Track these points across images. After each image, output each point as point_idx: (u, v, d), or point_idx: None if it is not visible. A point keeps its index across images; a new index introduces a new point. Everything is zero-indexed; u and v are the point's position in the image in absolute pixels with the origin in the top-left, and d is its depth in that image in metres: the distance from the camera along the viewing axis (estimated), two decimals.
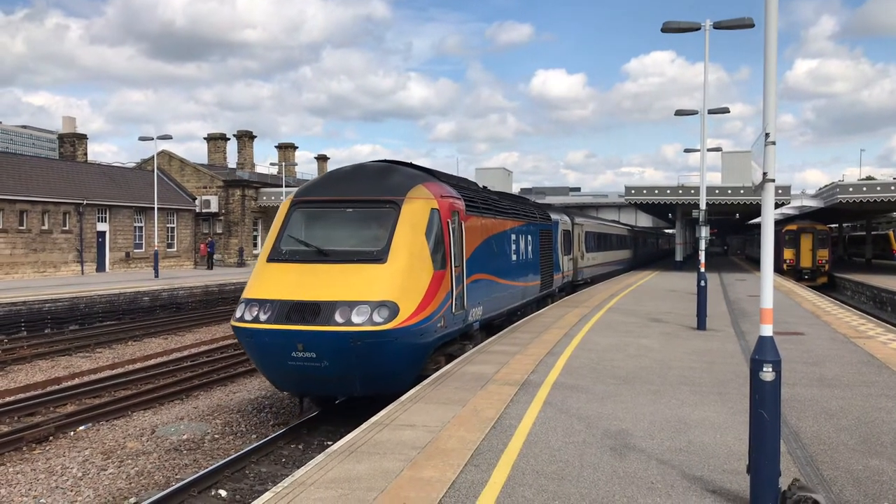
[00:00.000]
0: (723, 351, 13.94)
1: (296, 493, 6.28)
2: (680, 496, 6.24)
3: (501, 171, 75.45)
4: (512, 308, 18.36)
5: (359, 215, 11.85)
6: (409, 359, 11.08)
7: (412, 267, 11.10)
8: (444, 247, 12.06)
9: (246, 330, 10.78)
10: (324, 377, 10.67)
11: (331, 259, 11.14)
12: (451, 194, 13.16)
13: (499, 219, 16.72)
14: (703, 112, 21.06)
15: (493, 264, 15.78)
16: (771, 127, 5.81)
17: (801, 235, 45.34)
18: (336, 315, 10.31)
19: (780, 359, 5.83)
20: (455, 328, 12.82)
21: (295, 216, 12.07)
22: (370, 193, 11.91)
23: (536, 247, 21.41)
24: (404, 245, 11.16)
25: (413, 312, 10.71)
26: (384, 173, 12.57)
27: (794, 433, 8.18)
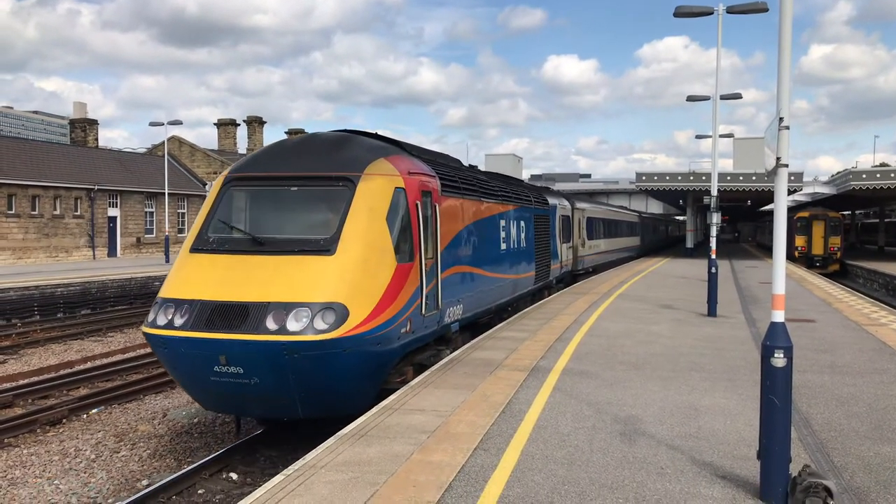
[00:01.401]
0: (733, 338, 13.91)
1: (306, 475, 6.32)
2: (690, 481, 6.24)
3: (511, 158, 75.28)
4: (501, 304, 16.50)
5: (305, 196, 9.86)
6: (362, 373, 9.13)
7: (368, 259, 9.20)
8: (412, 234, 10.21)
9: (157, 338, 8.89)
10: (254, 397, 8.83)
11: (267, 249, 9.18)
12: (423, 171, 11.21)
13: (485, 201, 14.77)
14: (716, 98, 20.91)
15: (477, 254, 13.89)
16: (785, 111, 5.76)
17: (813, 222, 45.10)
18: (268, 320, 8.43)
19: (792, 345, 5.81)
20: (426, 332, 10.87)
21: (227, 196, 10.11)
22: (319, 169, 9.90)
23: (531, 234, 19.37)
24: (359, 232, 9.27)
25: (368, 316, 8.83)
26: (338, 145, 10.57)
27: (805, 420, 8.16)
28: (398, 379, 10.20)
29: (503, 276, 16.10)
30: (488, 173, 18.00)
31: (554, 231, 23.12)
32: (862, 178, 40.80)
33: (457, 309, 12.50)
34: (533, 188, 23.17)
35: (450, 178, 12.74)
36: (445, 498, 5.83)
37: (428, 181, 11.25)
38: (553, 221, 23.02)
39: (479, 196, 14.40)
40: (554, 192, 27.86)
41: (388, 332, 9.29)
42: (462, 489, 6.02)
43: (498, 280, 15.63)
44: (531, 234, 19.41)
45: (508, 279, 16.68)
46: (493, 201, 15.51)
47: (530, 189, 21.88)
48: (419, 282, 10.32)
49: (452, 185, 12.68)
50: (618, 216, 42.71)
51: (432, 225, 11.20)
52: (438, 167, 12.49)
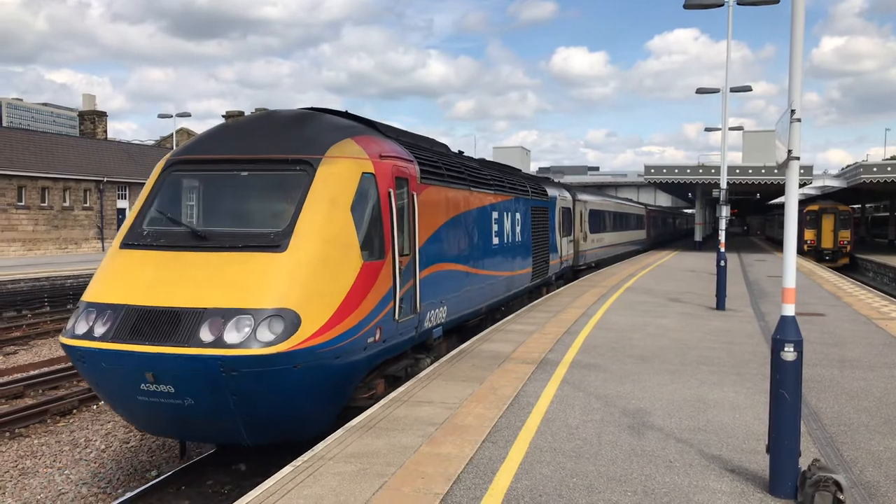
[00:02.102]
0: (742, 331, 13.86)
1: (315, 466, 6.34)
2: (698, 475, 6.24)
3: (519, 150, 75.12)
4: (493, 304, 15.19)
5: (256, 182, 8.51)
6: (319, 392, 7.87)
7: (327, 257, 7.92)
8: (383, 227, 8.96)
9: (74, 350, 7.64)
10: (190, 420, 7.59)
11: (209, 245, 7.91)
12: (398, 154, 9.88)
13: (474, 191, 13.39)
14: (725, 90, 20.78)
15: (464, 250, 12.59)
16: (797, 104, 5.71)
17: (822, 216, 44.87)
18: (202, 330, 7.17)
19: (802, 339, 5.79)
20: (401, 339, 9.60)
21: (168, 183, 8.80)
22: (274, 150, 8.55)
23: (527, 227, 18.07)
24: (316, 225, 7.98)
25: (325, 324, 7.57)
26: (298, 123, 9.23)
27: (815, 413, 8.14)
28: (366, 395, 8.95)
29: (495, 274, 14.87)
30: (480, 160, 16.47)
31: (553, 224, 21.82)
32: (872, 171, 40.54)
33: (439, 312, 11.24)
34: (531, 178, 21.54)
35: (431, 163, 11.34)
36: (454, 490, 5.84)
37: (404, 166, 9.90)
38: (552, 214, 21.71)
39: (468, 185, 13.08)
40: (554, 182, 26.62)
41: (350, 343, 8.00)
42: (470, 481, 6.03)
43: (489, 278, 14.34)
44: (528, 228, 18.14)
45: (501, 277, 15.45)
46: (485, 191, 14.19)
47: (527, 179, 20.21)
48: (392, 282, 9.07)
49: (435, 171, 11.34)
50: (622, 208, 41.45)
51: (409, 217, 9.94)
52: (418, 151, 11.16)
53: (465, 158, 14.85)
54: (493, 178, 15.26)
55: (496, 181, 15.43)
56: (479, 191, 13.72)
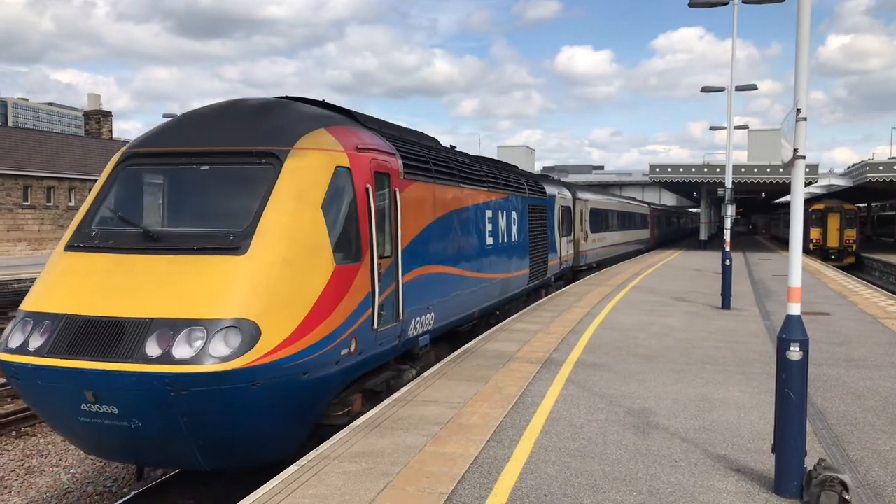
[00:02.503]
0: (747, 330, 13.83)
1: (320, 466, 6.35)
2: (703, 474, 6.22)
3: (524, 149, 75.08)
4: (487, 308, 14.33)
5: (218, 177, 7.72)
6: (283, 412, 7.10)
7: (293, 260, 7.16)
8: (360, 226, 8.21)
9: (7, 366, 6.85)
10: (138, 444, 6.82)
11: (161, 247, 7.15)
12: (378, 147, 9.08)
13: (465, 188, 12.55)
14: (731, 89, 20.75)
15: (454, 251, 11.79)
16: (802, 102, 5.70)
17: (828, 215, 44.74)
18: (148, 343, 6.43)
19: (808, 338, 5.77)
20: (381, 350, 8.86)
21: (122, 178, 8.04)
22: (238, 141, 7.79)
23: (524, 226, 17.23)
24: (281, 224, 7.24)
25: (290, 336, 6.84)
26: (266, 112, 8.44)
27: (821, 413, 8.11)
28: (341, 412, 8.26)
29: (489, 276, 14.00)
30: (473, 156, 15.47)
31: (552, 223, 20.94)
32: (878, 169, 40.39)
33: (426, 318, 10.42)
34: (528, 175, 20.51)
35: (417, 157, 10.50)
36: (459, 489, 5.84)
37: (385, 160, 9.12)
38: (551, 212, 20.88)
39: (458, 181, 12.24)
40: (553, 180, 25.78)
41: (320, 356, 7.26)
42: (475, 481, 6.03)
43: (482, 281, 13.52)
44: (525, 227, 17.29)
45: (496, 279, 14.59)
46: (477, 188, 13.38)
47: (524, 176, 19.19)
48: (370, 288, 8.31)
49: (421, 166, 10.50)
50: (625, 207, 40.68)
51: (391, 215, 9.19)
52: (402, 144, 10.31)
53: (456, 153, 14.00)
54: (486, 175, 14.43)
55: (490, 178, 14.64)
56: (470, 188, 12.95)
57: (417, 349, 10.29)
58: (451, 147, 14.43)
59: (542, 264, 19.22)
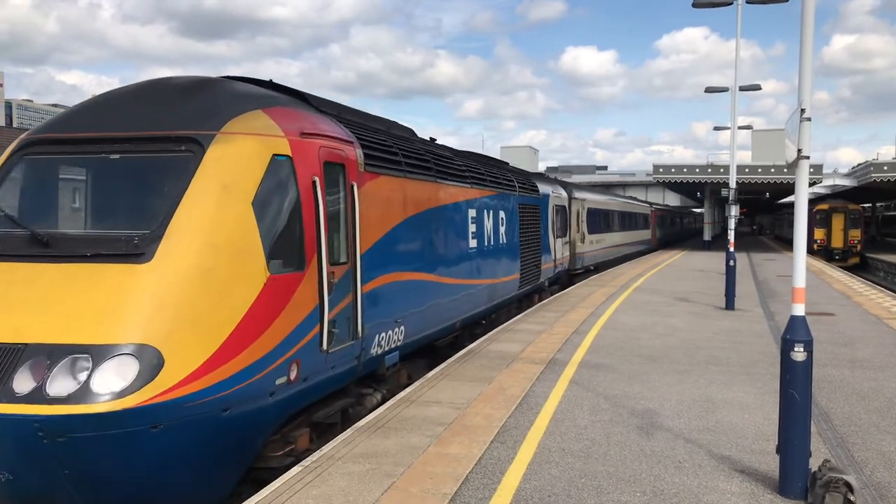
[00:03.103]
0: (751, 331, 13.80)
1: (324, 466, 6.35)
2: (707, 475, 6.21)
3: (527, 150, 75.10)
4: (471, 317, 13.07)
5: (129, 168, 6.52)
6: (197, 459, 5.87)
7: (211, 269, 5.94)
8: (303, 227, 6.96)
9: None
10: (18, 499, 5.55)
11: (52, 254, 5.92)
12: (330, 133, 7.83)
13: (444, 184, 11.31)
14: (734, 89, 20.72)
15: (430, 255, 10.58)
16: (806, 102, 5.68)
17: (832, 215, 44.65)
18: (16, 376, 5.24)
19: (812, 339, 5.76)
20: (333, 374, 7.60)
21: (16, 170, 6.78)
22: (154, 126, 6.51)
23: (514, 227, 15.96)
24: (197, 224, 6.03)
25: (203, 365, 5.65)
26: (192, 91, 7.12)
27: (825, 414, 8.09)
28: (281, 451, 6.95)
29: (473, 283, 12.77)
30: (457, 150, 14.25)
31: (546, 224, 19.74)
32: (883, 169, 40.31)
33: (394, 333, 9.18)
34: (519, 172, 19.12)
35: (382, 148, 9.22)
36: (462, 490, 5.84)
37: (339, 149, 7.84)
38: (545, 212, 19.65)
39: (436, 176, 10.98)
40: (548, 178, 24.85)
41: (246, 388, 6.04)
42: (479, 481, 6.02)
43: (464, 288, 12.26)
44: (515, 228, 16.01)
45: (481, 285, 13.37)
46: (459, 184, 12.10)
47: (515, 173, 17.91)
48: (317, 300, 7.08)
49: (387, 158, 9.25)
50: (625, 207, 39.49)
51: (348, 214, 7.94)
52: (363, 132, 9.01)
53: (436, 146, 12.78)
54: (470, 170, 13.16)
55: (474, 173, 13.36)
56: (451, 184, 11.68)
57: (383, 369, 9.01)
58: (431, 139, 13.28)
59: (534, 268, 18.01)
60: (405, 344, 9.67)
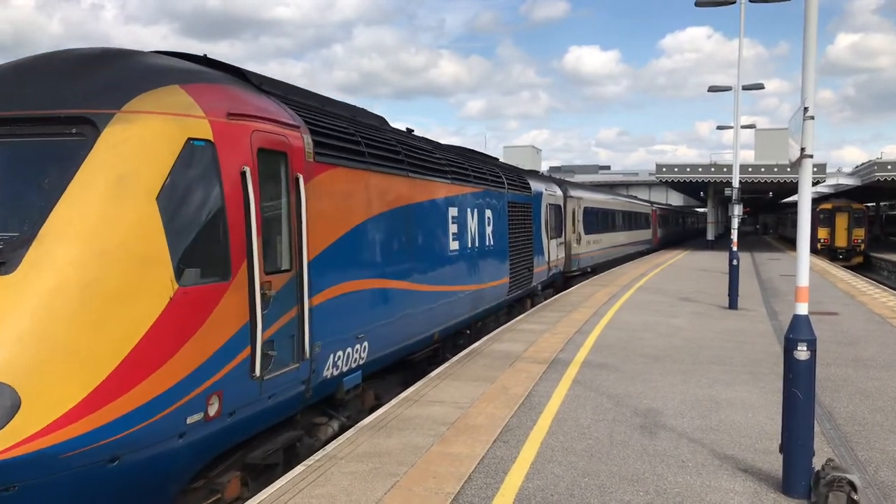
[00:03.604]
0: (755, 330, 13.78)
1: (326, 466, 6.36)
2: (711, 474, 6.20)
3: (530, 149, 75.07)
4: (452, 326, 11.90)
5: (7, 154, 5.38)
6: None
7: (94, 281, 4.85)
8: (228, 228, 5.81)
9: None
10: None
11: None
12: (268, 115, 6.56)
13: (420, 179, 10.12)
14: (737, 88, 20.69)
15: (400, 259, 9.32)
16: (809, 101, 5.68)
17: (836, 214, 44.55)
18: None
19: (816, 338, 5.75)
20: (272, 404, 6.46)
21: None
22: (44, 104, 5.37)
23: (503, 227, 14.82)
24: (80, 225, 4.94)
25: (79, 406, 4.58)
26: (93, 64, 5.83)
27: (828, 413, 8.08)
28: (208, 501, 5.91)
29: (454, 289, 11.55)
30: (437, 143, 13.08)
31: (539, 224, 18.58)
32: (887, 168, 40.16)
33: (355, 350, 7.99)
34: (509, 169, 17.75)
35: (338, 134, 7.93)
36: (465, 489, 5.84)
37: (280, 134, 6.59)
38: (537, 211, 18.47)
39: (408, 170, 9.74)
40: (542, 176, 23.67)
41: (144, 431, 4.96)
42: (482, 481, 6.02)
43: (444, 295, 11.07)
44: (504, 228, 14.90)
45: (464, 292, 12.16)
46: (438, 180, 10.97)
47: (504, 169, 16.62)
48: (246, 317, 5.92)
49: (346, 147, 7.98)
50: (624, 206, 38.23)
51: (292, 212, 6.70)
52: (315, 115, 7.73)
53: (411, 137, 11.49)
54: (450, 164, 11.90)
55: (456, 168, 12.09)
56: (428, 179, 10.51)
57: (342, 393, 7.82)
58: (408, 130, 11.95)
59: (525, 271, 16.86)
60: (370, 362, 8.46)
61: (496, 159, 17.75)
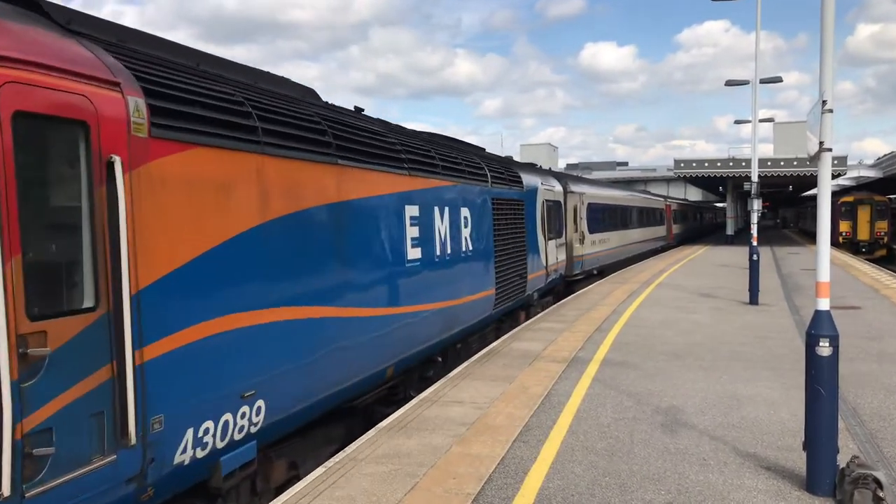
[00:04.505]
0: (776, 326, 13.65)
1: (346, 468, 6.37)
2: (733, 472, 6.15)
3: (546, 147, 74.84)
4: (416, 355, 9.47)
5: None
6: None
7: None
8: None
9: None
10: None
11: None
12: (49, 60, 4.24)
13: (354, 168, 7.67)
14: (755, 82, 20.52)
15: (326, 277, 7.00)
16: (828, 94, 5.61)
17: (858, 207, 44.05)
18: None
19: (838, 333, 5.68)
20: None
21: None
22: None
23: (485, 229, 12.37)
24: None
25: None
26: None
27: (853, 409, 7.98)
28: None
29: (414, 309, 9.12)
30: (393, 125, 10.54)
31: (534, 223, 16.20)
32: None
33: (238, 416, 5.68)
34: (495, 159, 15.34)
35: (205, 99, 5.63)
36: (485, 490, 5.83)
37: (71, 91, 4.32)
38: (532, 209, 16.09)
39: (333, 156, 7.24)
40: (538, 169, 20.87)
41: None
42: (502, 481, 6.01)
43: (398, 318, 8.64)
44: (486, 229, 12.45)
45: (430, 311, 9.69)
46: (389, 170, 8.56)
47: (488, 160, 14.00)
48: None
49: (219, 119, 5.66)
50: (634, 201, 35.18)
51: (99, 214, 4.44)
52: (161, 70, 5.38)
53: (347, 113, 8.92)
54: (406, 150, 9.39)
55: (416, 155, 9.58)
56: (366, 168, 7.95)
57: (218, 479, 5.52)
58: (357, 109, 9.62)
59: (517, 278, 14.46)
60: (270, 426, 6.10)
61: (481, 149, 15.48)
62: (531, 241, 15.86)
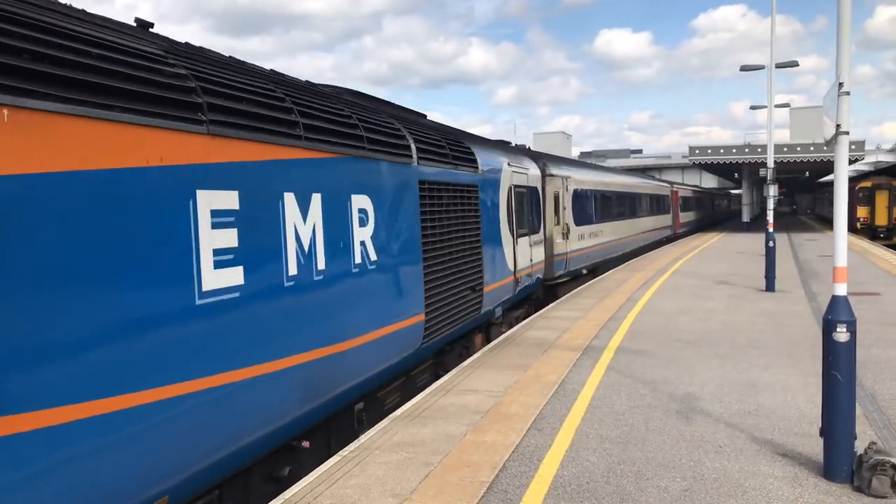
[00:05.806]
0: (793, 312, 13.54)
1: (361, 456, 6.39)
2: (749, 459, 6.11)
3: (560, 135, 74.48)
4: (229, 458, 5.23)
5: None
6: None
7: None
8: None
9: None
10: None
11: None
12: None
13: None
14: (771, 66, 20.27)
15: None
16: (845, 76, 5.53)
17: (876, 192, 43.55)
18: None
19: (855, 319, 5.62)
20: None
21: None
22: None
23: (405, 225, 8.55)
24: None
25: None
26: None
27: (871, 395, 7.91)
28: None
29: (220, 381, 5.00)
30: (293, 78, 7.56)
31: (496, 215, 12.43)
32: None
33: None
34: (432, 128, 10.90)
35: None
36: (500, 478, 5.83)
37: None
38: (492, 197, 12.30)
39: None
40: (508, 147, 16.51)
41: None
42: (516, 469, 6.01)
43: (178, 402, 4.57)
44: (408, 226, 8.66)
45: (271, 374, 5.62)
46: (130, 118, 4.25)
47: (414, 125, 9.78)
48: None
49: None
50: (631, 187, 30.04)
51: None
52: None
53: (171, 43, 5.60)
54: (200, 77, 5.16)
55: (222, 89, 5.34)
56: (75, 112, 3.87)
57: None
58: (231, 57, 6.65)
59: (466, 293, 10.68)
60: None
61: (423, 115, 12.24)
62: (490, 239, 11.99)
